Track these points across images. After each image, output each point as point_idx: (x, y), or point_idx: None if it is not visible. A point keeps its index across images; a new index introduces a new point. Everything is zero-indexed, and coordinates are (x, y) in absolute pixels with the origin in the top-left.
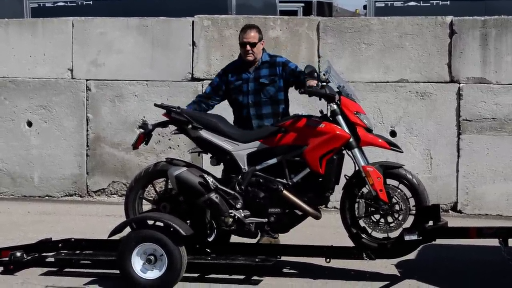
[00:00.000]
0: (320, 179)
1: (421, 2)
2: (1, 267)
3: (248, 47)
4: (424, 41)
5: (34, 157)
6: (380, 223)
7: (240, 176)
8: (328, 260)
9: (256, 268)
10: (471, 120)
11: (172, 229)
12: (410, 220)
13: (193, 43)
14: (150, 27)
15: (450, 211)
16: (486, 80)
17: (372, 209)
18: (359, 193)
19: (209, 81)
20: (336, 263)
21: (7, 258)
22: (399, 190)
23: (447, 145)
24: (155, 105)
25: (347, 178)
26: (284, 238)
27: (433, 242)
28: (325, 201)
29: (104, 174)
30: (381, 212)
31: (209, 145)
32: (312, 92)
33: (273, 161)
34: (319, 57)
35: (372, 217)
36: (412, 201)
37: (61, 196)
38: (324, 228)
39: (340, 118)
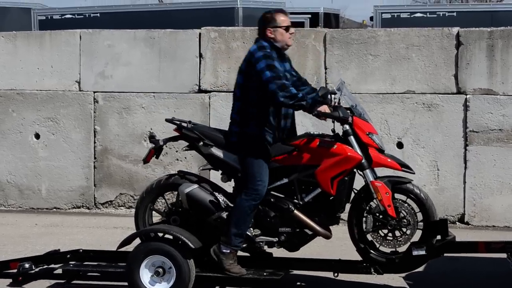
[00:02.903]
0: (331, 199)
1: (428, 13)
2: (9, 279)
3: (293, 30)
4: (431, 53)
5: (42, 169)
6: (388, 238)
7: None
8: (336, 274)
9: (264, 282)
10: (478, 132)
11: (180, 242)
12: (418, 234)
13: (200, 55)
14: (157, 39)
15: (457, 222)
16: (493, 91)
17: (380, 224)
18: (367, 208)
19: (216, 93)
20: (344, 276)
21: (15, 270)
22: (407, 205)
23: (454, 157)
24: (166, 120)
25: (355, 192)
26: (293, 253)
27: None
28: (335, 221)
29: (112, 186)
30: (389, 227)
31: (220, 163)
32: (325, 114)
33: (285, 180)
34: (325, 68)
35: (380, 232)
36: (420, 216)
37: (69, 208)
38: (331, 241)
39: (352, 139)
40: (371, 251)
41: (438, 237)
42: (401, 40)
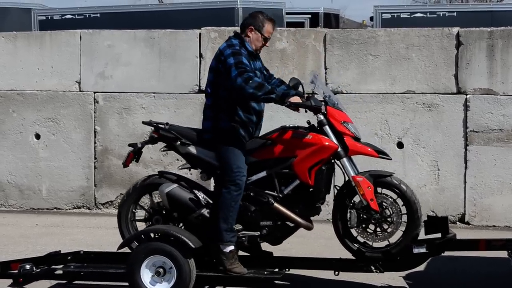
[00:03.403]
0: (310, 190)
1: (428, 13)
2: (10, 280)
3: (268, 44)
4: (431, 53)
5: (42, 170)
6: (373, 232)
7: None
8: (336, 273)
9: (265, 281)
10: (478, 131)
11: (181, 241)
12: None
13: (200, 55)
14: (157, 40)
15: (457, 222)
16: (493, 91)
17: (363, 218)
18: (350, 203)
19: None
20: (344, 275)
21: (16, 271)
22: (389, 199)
23: (454, 157)
24: (143, 122)
25: (338, 188)
26: (292, 251)
27: (441, 254)
28: (316, 212)
29: (112, 186)
30: (373, 221)
31: (198, 161)
32: (297, 104)
33: (263, 174)
34: (326, 68)
35: (364, 226)
36: (403, 209)
37: (69, 209)
38: (332, 240)
39: (327, 128)
40: (356, 245)
41: (439, 234)
42: (401, 40)
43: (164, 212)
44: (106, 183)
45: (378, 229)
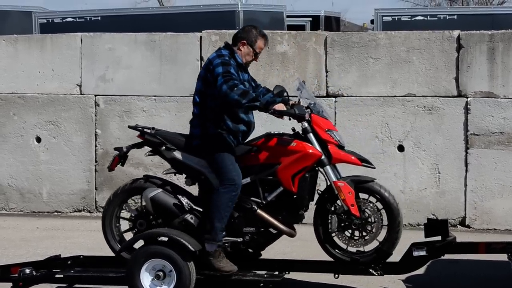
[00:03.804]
0: (294, 197)
1: (428, 16)
2: (10, 283)
3: (257, 59)
4: (432, 56)
5: (43, 173)
6: (353, 237)
7: None
8: (336, 276)
9: (265, 283)
10: (479, 135)
11: (180, 245)
12: (383, 233)
13: (201, 58)
14: (158, 43)
15: (458, 225)
16: (494, 94)
17: (344, 223)
18: (332, 208)
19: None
20: (344, 279)
21: (16, 275)
22: (371, 204)
23: (455, 160)
24: (129, 127)
25: (319, 193)
26: (292, 254)
27: (442, 257)
28: (299, 219)
29: (113, 190)
30: (354, 227)
31: (183, 166)
32: (281, 112)
33: (247, 180)
34: (326, 71)
35: (345, 231)
36: (384, 214)
37: (70, 212)
38: None
39: (311, 136)
40: (337, 250)
41: (439, 237)
42: (402, 43)
43: (148, 216)
44: (107, 186)
45: (358, 234)
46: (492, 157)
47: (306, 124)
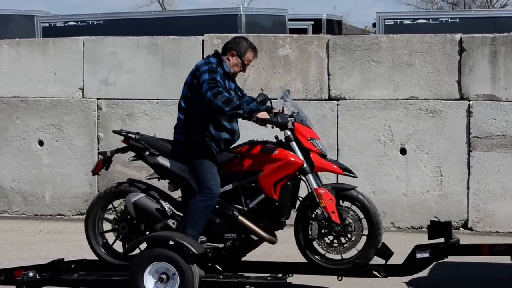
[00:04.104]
0: (275, 204)
1: (431, 19)
2: (13, 286)
3: (245, 71)
4: (434, 59)
5: (46, 176)
6: (333, 244)
7: None
8: (340, 278)
9: (268, 286)
10: (481, 137)
11: (184, 247)
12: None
13: None
14: (160, 46)
15: (461, 228)
16: (496, 97)
17: (325, 230)
18: (312, 215)
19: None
20: (348, 281)
21: (19, 278)
22: (351, 212)
23: (457, 163)
24: (114, 131)
25: (301, 200)
26: (295, 257)
27: (444, 260)
28: (280, 226)
29: None
30: (334, 234)
31: (166, 172)
32: (264, 120)
33: (229, 187)
34: (328, 75)
35: (325, 238)
36: (365, 222)
37: (73, 215)
38: None
39: (294, 144)
40: (316, 257)
41: (442, 239)
42: (404, 47)
43: (131, 220)
44: None
45: (338, 241)
46: (494, 160)
47: (289, 133)
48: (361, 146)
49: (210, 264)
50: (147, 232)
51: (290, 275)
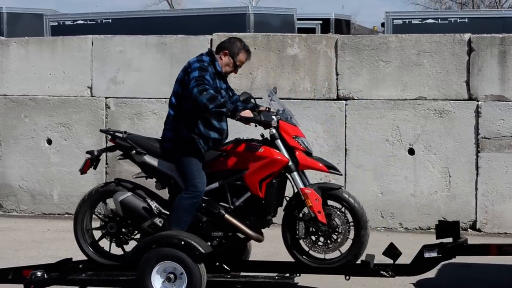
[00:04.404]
0: (262, 202)
1: (439, 19)
2: (21, 285)
3: (237, 72)
4: (442, 59)
5: (54, 175)
6: (319, 244)
7: None
8: (347, 277)
9: (276, 285)
10: (489, 138)
11: (191, 247)
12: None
13: None
14: (169, 45)
15: (469, 229)
16: (505, 98)
17: (311, 230)
18: (299, 215)
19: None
20: (355, 281)
21: (27, 277)
22: (338, 212)
23: (465, 163)
24: (101, 130)
25: (287, 200)
26: None
27: (452, 260)
28: (266, 224)
29: None
30: (320, 233)
31: (153, 170)
32: (248, 119)
33: (215, 185)
34: (337, 74)
35: (311, 238)
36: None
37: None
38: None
39: (279, 142)
40: (303, 256)
41: (450, 239)
42: (412, 46)
43: (118, 219)
44: None
45: (325, 241)
46: (503, 161)
47: (274, 131)
48: (369, 146)
49: (217, 263)
50: (135, 231)
51: (298, 274)
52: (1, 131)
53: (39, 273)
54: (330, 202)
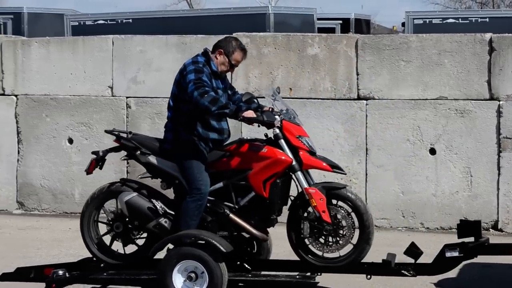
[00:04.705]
0: (266, 202)
1: (460, 19)
2: (43, 284)
3: (233, 70)
4: (463, 58)
5: (75, 174)
6: (324, 243)
7: None
8: (369, 277)
9: (297, 285)
10: (511, 138)
11: (212, 246)
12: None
13: None
14: (189, 45)
15: (491, 229)
16: None
17: (316, 229)
18: (304, 214)
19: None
20: (376, 280)
21: (49, 276)
22: (342, 211)
23: (487, 163)
24: (106, 131)
25: (292, 199)
26: None
27: (473, 260)
28: (271, 224)
29: None
30: (325, 233)
31: (158, 171)
32: (250, 119)
33: (220, 185)
34: (357, 74)
35: (316, 237)
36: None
37: (102, 213)
38: None
39: (282, 142)
40: (309, 255)
41: (472, 239)
42: (433, 46)
43: (124, 219)
44: None
45: (330, 240)
46: None
47: (277, 130)
48: (390, 146)
49: (238, 262)
50: (141, 231)
51: (319, 274)
52: (23, 130)
53: (60, 272)
54: (334, 201)
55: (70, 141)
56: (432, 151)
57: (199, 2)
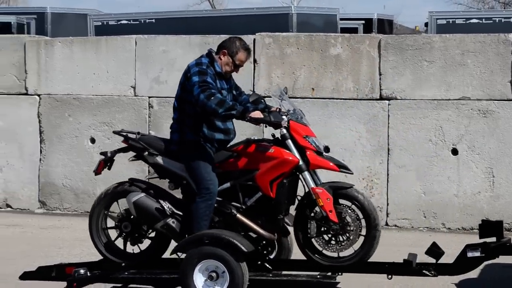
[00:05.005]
0: (273, 202)
1: (483, 19)
2: (64, 282)
3: (237, 71)
4: (487, 59)
5: None
6: (331, 243)
7: None
8: (390, 276)
9: (318, 284)
10: None
11: (233, 245)
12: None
13: (254, 61)
14: (212, 45)
15: None
16: None
17: (323, 229)
18: (311, 214)
19: (270, 99)
20: (397, 280)
21: (71, 274)
22: (349, 211)
23: (509, 164)
24: (114, 132)
25: (299, 199)
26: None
27: (495, 261)
28: (278, 224)
29: None
30: (332, 232)
31: (166, 171)
32: (257, 120)
33: (227, 185)
34: (380, 74)
35: (323, 236)
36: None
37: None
38: (385, 246)
39: (289, 142)
40: (316, 255)
41: (493, 239)
42: (456, 46)
43: (132, 219)
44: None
45: (337, 239)
46: None
47: (284, 131)
48: (412, 146)
49: (259, 262)
50: (149, 231)
51: (340, 273)
52: (45, 130)
53: (82, 271)
54: (342, 201)
55: (93, 140)
56: (454, 152)
57: (221, 2)
